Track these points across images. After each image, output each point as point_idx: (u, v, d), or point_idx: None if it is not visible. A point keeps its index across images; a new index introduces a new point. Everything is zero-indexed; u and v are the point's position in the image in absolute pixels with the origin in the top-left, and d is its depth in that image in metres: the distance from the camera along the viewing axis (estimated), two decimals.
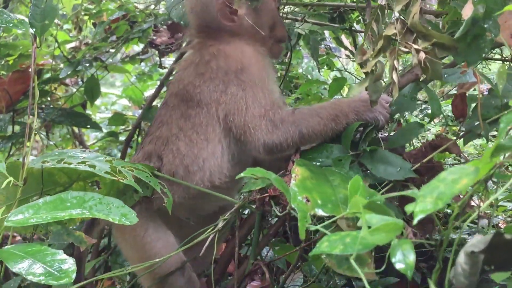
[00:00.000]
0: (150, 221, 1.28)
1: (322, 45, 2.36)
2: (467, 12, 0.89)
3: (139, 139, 1.97)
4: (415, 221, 0.53)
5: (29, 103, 1.12)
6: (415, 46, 0.88)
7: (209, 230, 1.05)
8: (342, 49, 2.47)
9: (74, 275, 0.62)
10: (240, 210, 1.14)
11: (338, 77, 2.18)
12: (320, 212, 0.77)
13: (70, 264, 0.64)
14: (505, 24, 0.92)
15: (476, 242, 0.62)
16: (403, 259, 0.60)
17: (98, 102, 4.20)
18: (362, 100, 1.16)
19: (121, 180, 0.95)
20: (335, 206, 0.76)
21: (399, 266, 0.59)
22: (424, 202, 0.52)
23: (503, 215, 2.10)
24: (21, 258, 0.63)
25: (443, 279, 0.71)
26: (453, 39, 0.93)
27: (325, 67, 2.68)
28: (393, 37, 0.90)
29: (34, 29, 1.13)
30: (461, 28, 0.90)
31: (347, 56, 2.75)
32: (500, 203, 2.20)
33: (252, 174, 0.85)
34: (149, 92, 3.22)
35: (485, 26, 0.90)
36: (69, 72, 1.77)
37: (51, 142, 2.54)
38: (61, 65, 1.90)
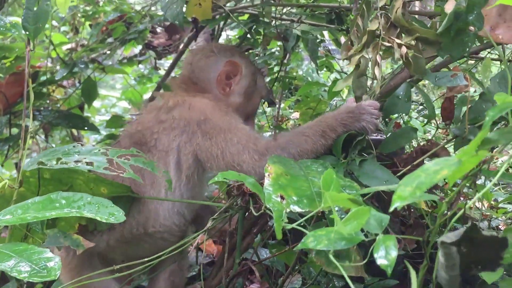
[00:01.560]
0: (86, 262, 1.27)
1: (321, 47, 2.35)
2: (449, 6, 0.89)
3: None
4: (391, 208, 0.53)
5: (24, 105, 1.13)
6: (397, 41, 0.88)
7: (197, 234, 1.04)
8: None
9: (58, 273, 0.62)
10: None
11: (337, 79, 2.17)
12: (295, 209, 0.76)
13: (55, 262, 0.64)
14: (487, 17, 0.91)
15: (450, 234, 0.62)
16: (385, 255, 0.59)
17: (98, 104, 4.22)
18: (348, 111, 1.15)
19: (121, 175, 0.96)
20: (311, 201, 0.75)
21: (380, 261, 0.59)
22: (404, 191, 0.52)
23: (503, 217, 2.09)
24: (7, 256, 0.64)
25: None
26: (437, 33, 0.92)
27: (324, 69, 2.68)
28: (377, 32, 0.90)
29: (27, 32, 1.13)
30: (444, 22, 0.90)
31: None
32: (500, 205, 2.19)
33: (224, 178, 0.84)
34: (148, 95, 3.23)
35: (469, 19, 0.89)
36: (65, 74, 1.77)
37: (51, 145, 2.55)
38: (58, 67, 1.91)
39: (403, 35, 0.90)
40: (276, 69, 2.36)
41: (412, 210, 1.42)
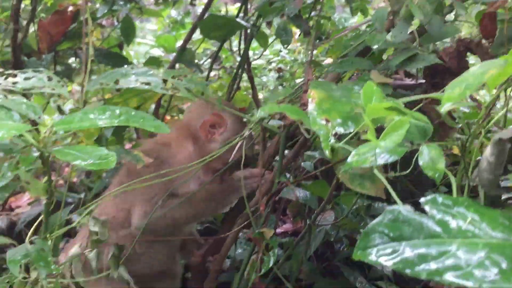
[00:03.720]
0: None
1: None
2: None
3: None
4: (442, 109, 0.55)
5: (83, 30, 1.16)
6: None
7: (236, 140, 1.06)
8: None
9: (114, 164, 0.69)
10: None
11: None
12: (340, 130, 0.79)
13: (112, 155, 0.71)
14: None
15: (505, 131, 0.64)
16: (431, 164, 0.62)
17: (131, 52, 4.27)
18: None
19: (177, 94, 1.00)
20: (355, 122, 0.77)
21: (426, 171, 0.62)
22: (452, 93, 0.53)
23: None
24: (70, 154, 0.70)
25: None
26: None
27: (359, 13, 2.62)
28: None
29: None
30: None
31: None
32: None
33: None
34: (180, 42, 3.25)
35: None
36: (105, 11, 1.80)
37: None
38: (97, 6, 1.94)
39: None
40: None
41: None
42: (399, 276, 1.88)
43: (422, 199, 0.46)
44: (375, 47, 1.06)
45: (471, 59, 1.34)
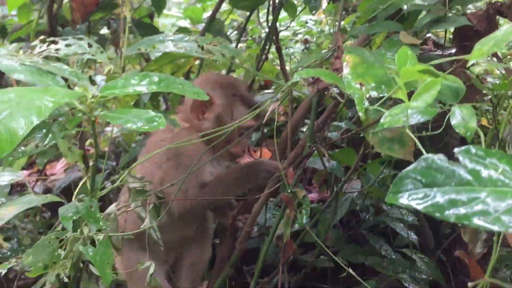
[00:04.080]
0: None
1: None
2: None
3: None
4: (469, 63, 0.57)
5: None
6: None
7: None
8: None
9: (164, 125, 0.73)
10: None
11: None
12: (374, 94, 0.81)
13: (161, 117, 0.75)
14: None
15: None
16: (464, 123, 0.64)
17: (159, 23, 4.30)
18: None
19: (211, 58, 1.04)
20: (388, 86, 0.80)
21: (458, 129, 0.64)
22: (481, 48, 0.55)
23: None
24: (119, 117, 0.75)
25: None
26: None
27: None
28: None
29: None
30: None
31: None
32: None
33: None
34: (209, 13, 3.26)
35: None
36: None
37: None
38: None
39: None
40: None
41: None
42: (424, 243, 1.91)
43: (456, 149, 0.48)
44: (405, 8, 1.06)
45: (501, 21, 1.32)
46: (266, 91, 2.42)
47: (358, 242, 1.95)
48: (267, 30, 1.92)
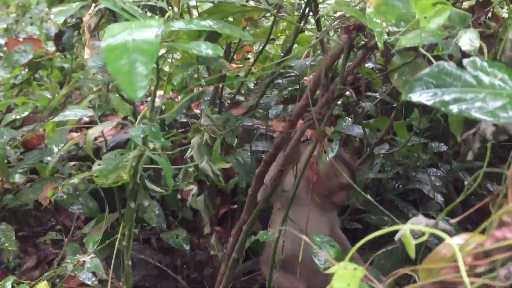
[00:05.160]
0: None
1: None
2: None
3: None
4: None
5: None
6: None
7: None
8: None
9: (222, 52, 0.86)
10: None
11: None
12: (393, 29, 0.90)
13: (216, 46, 0.87)
14: None
15: None
16: (469, 44, 0.73)
17: None
18: None
19: (259, 6, 1.15)
20: (407, 22, 0.88)
21: (465, 48, 0.74)
22: None
23: None
24: (189, 47, 0.87)
25: None
26: None
27: None
28: None
29: None
30: None
31: None
32: None
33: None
34: None
35: None
36: None
37: None
38: None
39: None
40: None
41: None
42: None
43: (464, 60, 0.58)
44: None
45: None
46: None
47: (386, 207, 2.04)
48: None
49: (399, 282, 0.54)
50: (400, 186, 2.06)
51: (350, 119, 2.09)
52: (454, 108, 0.55)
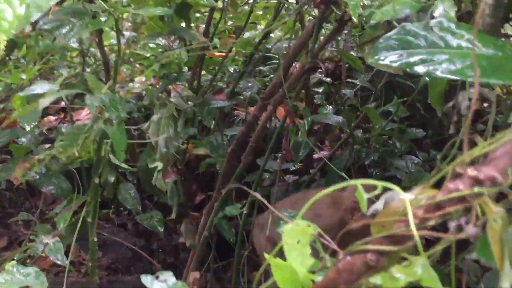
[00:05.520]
0: None
1: None
2: None
3: None
4: None
5: None
6: None
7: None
8: None
9: None
10: None
11: None
12: (368, 2, 0.89)
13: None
14: None
15: None
16: (444, 13, 0.72)
17: None
18: None
19: None
20: None
21: (439, 19, 0.73)
22: None
23: None
24: (148, 11, 0.85)
25: None
26: None
27: None
28: None
29: None
30: None
31: None
32: None
33: None
34: None
35: None
36: None
37: None
38: None
39: None
40: None
41: None
42: None
43: (431, 22, 0.57)
44: None
45: None
46: None
47: None
48: None
49: None
50: (378, 173, 2.07)
51: (331, 107, 2.08)
52: (420, 69, 0.54)
